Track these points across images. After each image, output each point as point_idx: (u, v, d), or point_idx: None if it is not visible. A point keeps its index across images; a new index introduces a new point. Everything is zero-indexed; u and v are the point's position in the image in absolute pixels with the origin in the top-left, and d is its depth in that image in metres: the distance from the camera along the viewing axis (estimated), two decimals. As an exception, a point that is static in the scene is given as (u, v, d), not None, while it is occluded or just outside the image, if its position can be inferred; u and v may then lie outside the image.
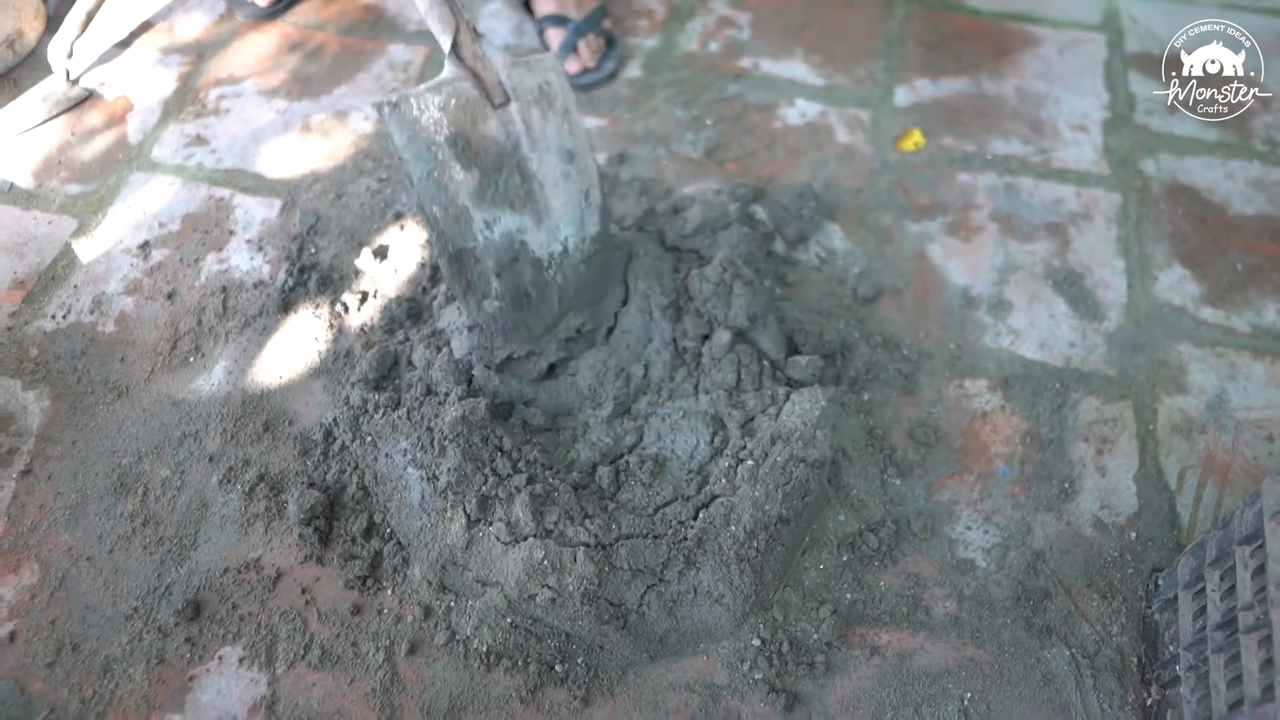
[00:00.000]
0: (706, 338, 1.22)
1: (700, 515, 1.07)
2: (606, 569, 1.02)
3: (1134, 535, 1.14)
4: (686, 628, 1.04)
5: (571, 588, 1.01)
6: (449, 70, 1.11)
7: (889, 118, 1.62)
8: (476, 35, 1.11)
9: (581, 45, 1.65)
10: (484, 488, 1.08)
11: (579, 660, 1.03)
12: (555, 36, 1.67)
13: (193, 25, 1.77)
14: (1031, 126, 1.61)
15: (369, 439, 1.15)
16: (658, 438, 1.17)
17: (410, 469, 1.11)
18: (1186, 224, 1.47)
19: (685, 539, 1.05)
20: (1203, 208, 1.50)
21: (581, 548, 1.03)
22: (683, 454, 1.15)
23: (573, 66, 1.65)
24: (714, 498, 1.09)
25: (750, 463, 1.09)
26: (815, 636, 1.05)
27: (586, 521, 1.06)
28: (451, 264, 1.16)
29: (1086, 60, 1.73)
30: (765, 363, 1.22)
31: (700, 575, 1.04)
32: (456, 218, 1.13)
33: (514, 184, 1.14)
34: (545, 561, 1.02)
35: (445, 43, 1.09)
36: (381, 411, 1.16)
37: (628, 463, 1.13)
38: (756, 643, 1.04)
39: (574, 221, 1.19)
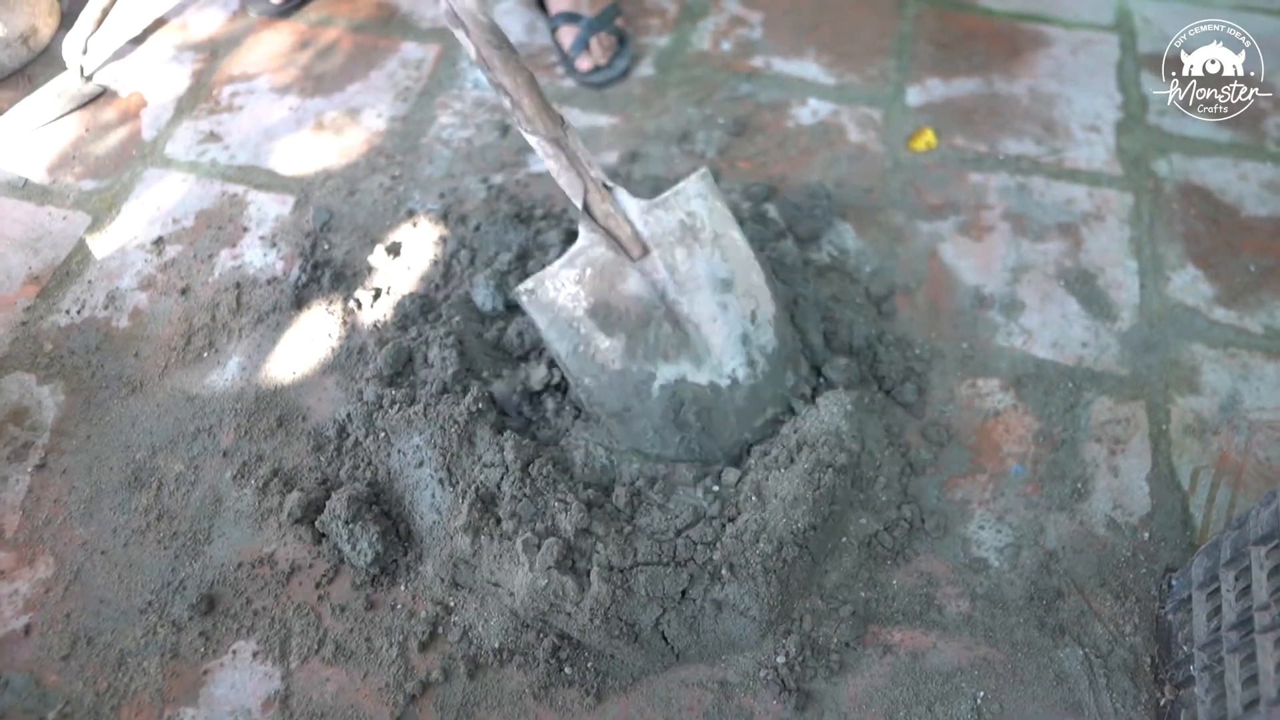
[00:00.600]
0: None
1: (727, 530, 1.05)
2: (622, 593, 1.00)
3: (1147, 535, 1.14)
4: (709, 641, 1.03)
5: (583, 610, 0.99)
6: (583, 235, 1.10)
7: (901, 117, 1.62)
8: (608, 190, 1.08)
9: (594, 42, 1.65)
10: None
11: (589, 665, 1.03)
12: (568, 34, 1.67)
13: (206, 22, 1.77)
14: (1044, 126, 1.61)
15: (382, 434, 1.16)
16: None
17: (424, 466, 1.11)
18: (1199, 225, 1.47)
19: (710, 560, 1.03)
20: (1215, 209, 1.49)
21: (595, 569, 1.01)
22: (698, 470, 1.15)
23: (584, 64, 1.65)
24: (739, 513, 1.07)
25: (778, 471, 1.09)
26: (835, 639, 1.05)
27: (600, 546, 1.03)
28: (612, 425, 1.14)
29: (1099, 61, 1.73)
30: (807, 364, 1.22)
31: (726, 590, 1.02)
32: (609, 385, 1.11)
33: (665, 334, 1.11)
34: (548, 589, 1.00)
35: (578, 203, 1.08)
36: (396, 407, 1.17)
37: (638, 488, 1.12)
38: (781, 659, 1.02)
39: (738, 351, 1.14)
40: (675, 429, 1.14)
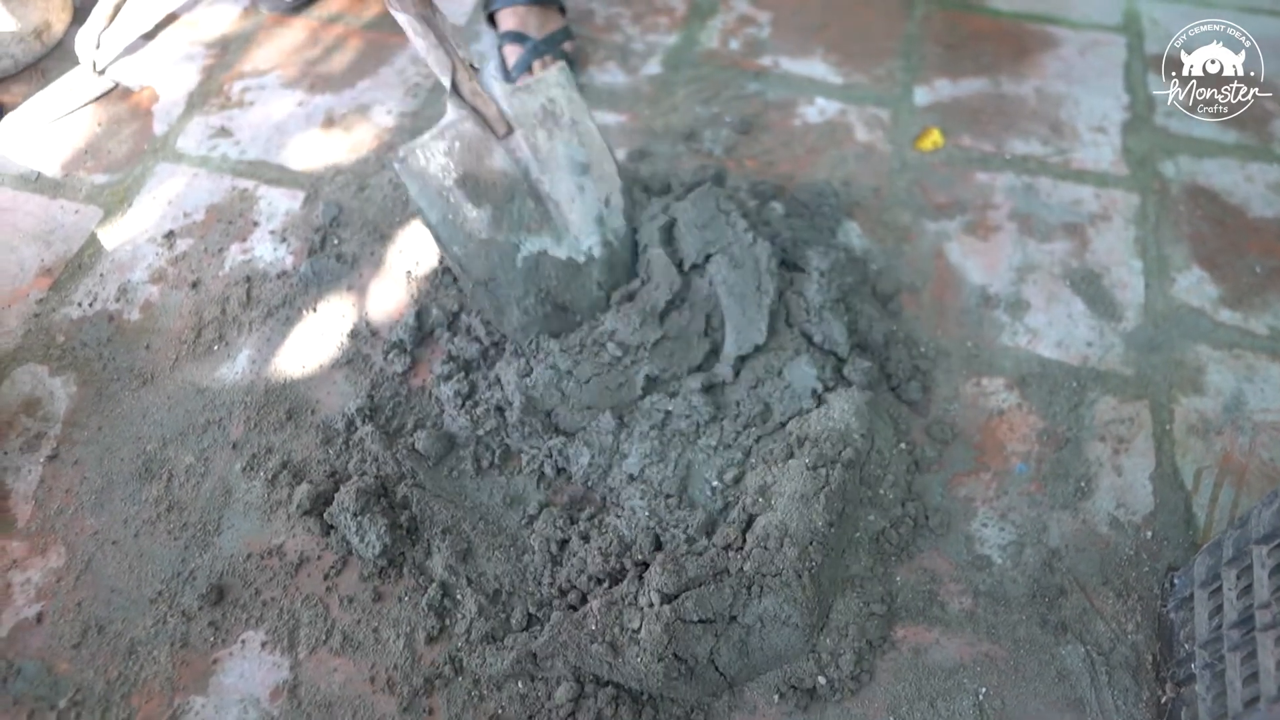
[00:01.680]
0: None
1: (747, 537, 1.04)
2: (678, 625, 0.96)
3: (1150, 534, 1.15)
4: (758, 660, 1.00)
5: (634, 655, 0.96)
6: (451, 111, 1.16)
7: (908, 117, 1.63)
8: (474, 71, 1.15)
9: (537, 66, 1.59)
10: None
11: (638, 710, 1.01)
12: (512, 54, 1.62)
13: (218, 18, 1.78)
14: (1050, 127, 1.62)
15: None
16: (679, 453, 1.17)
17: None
18: (1205, 226, 1.47)
19: (743, 571, 1.00)
20: (1222, 210, 1.50)
21: (647, 610, 0.98)
22: (703, 468, 1.16)
23: None
24: (752, 517, 1.07)
25: (778, 466, 1.09)
26: (864, 640, 1.05)
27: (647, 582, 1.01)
28: (478, 292, 1.20)
29: (1106, 61, 1.73)
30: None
31: (764, 602, 0.99)
32: (475, 253, 1.18)
33: (528, 209, 1.20)
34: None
35: (445, 82, 1.14)
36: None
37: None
38: (835, 669, 1.02)
39: (594, 231, 1.24)
40: (536, 299, 1.21)
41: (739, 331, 1.21)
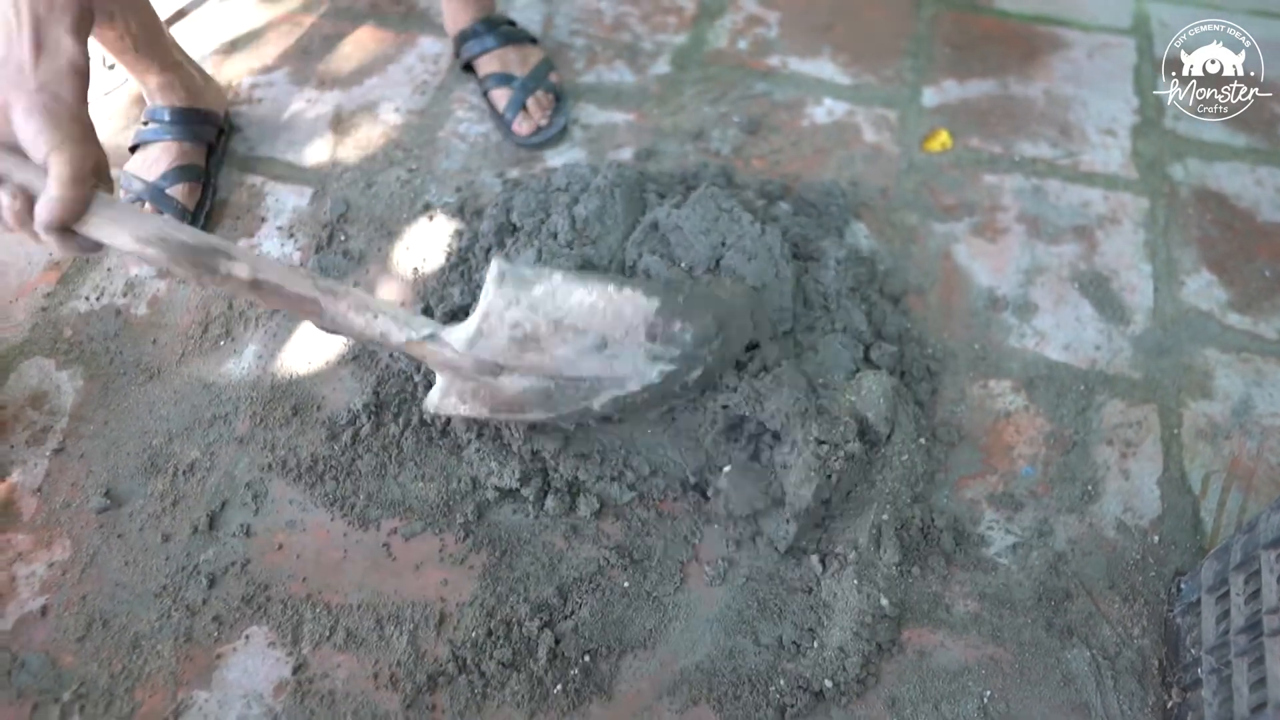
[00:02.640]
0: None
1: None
2: None
3: (1157, 539, 1.14)
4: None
5: None
6: (438, 378, 1.08)
7: (916, 118, 1.62)
8: (429, 338, 1.02)
9: (530, 103, 1.55)
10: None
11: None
12: (501, 96, 1.56)
13: (226, 15, 1.79)
14: (1059, 129, 1.61)
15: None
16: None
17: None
18: (1214, 229, 1.47)
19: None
20: (1231, 214, 1.49)
21: None
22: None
23: (523, 128, 1.54)
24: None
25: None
26: (874, 643, 1.05)
27: None
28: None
29: (1116, 64, 1.72)
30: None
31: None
32: (551, 427, 1.14)
33: (571, 394, 1.06)
34: None
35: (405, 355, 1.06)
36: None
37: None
38: (827, 673, 1.03)
39: (651, 367, 1.05)
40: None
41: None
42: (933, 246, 1.44)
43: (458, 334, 1.02)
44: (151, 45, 1.39)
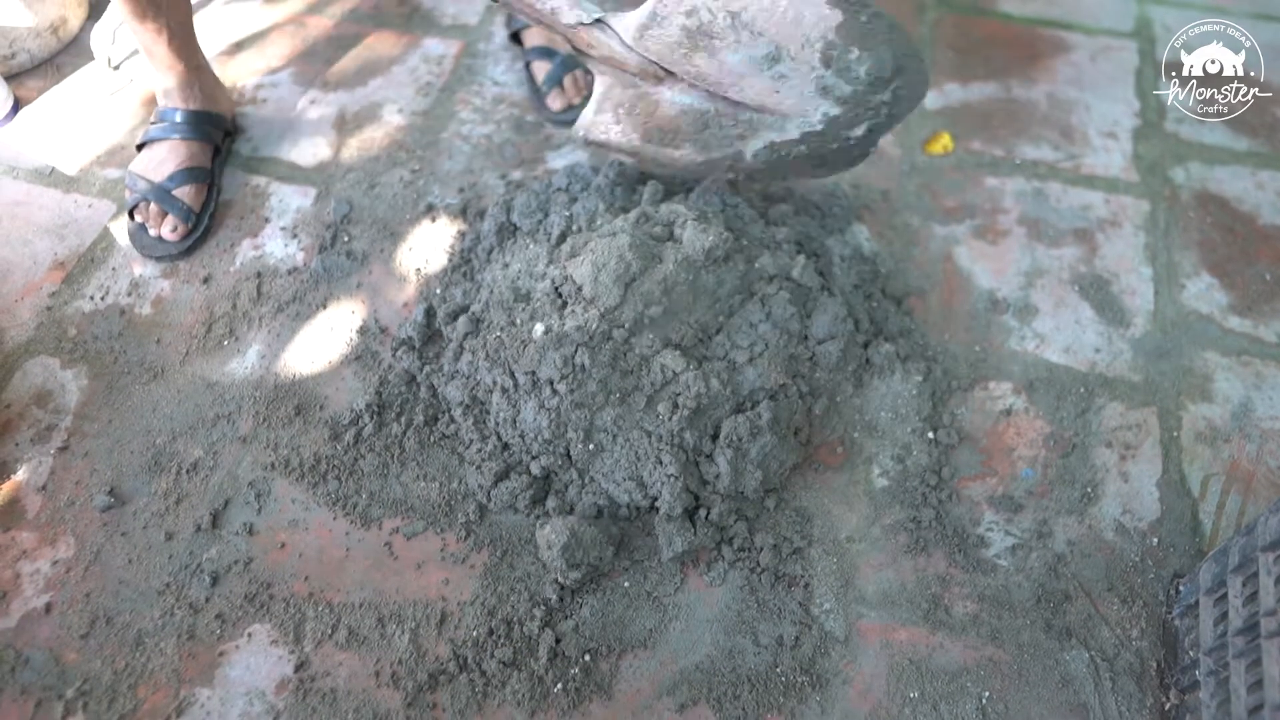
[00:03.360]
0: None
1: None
2: None
3: (1156, 541, 1.15)
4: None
5: None
6: (598, 80, 1.05)
7: (918, 120, 1.63)
8: (598, 24, 0.99)
9: (567, 80, 1.59)
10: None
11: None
12: (541, 69, 1.61)
13: (231, 15, 1.79)
14: (1061, 132, 1.61)
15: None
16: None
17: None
18: (1215, 233, 1.47)
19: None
20: (1232, 217, 1.49)
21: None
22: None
23: (556, 103, 1.58)
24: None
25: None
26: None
27: None
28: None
29: (1118, 67, 1.73)
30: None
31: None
32: (701, 171, 1.15)
33: (730, 125, 1.05)
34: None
35: (570, 45, 1.04)
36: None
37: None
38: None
39: (819, 99, 1.02)
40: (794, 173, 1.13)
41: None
42: (934, 249, 1.44)
43: (629, 20, 0.97)
44: (184, 43, 1.42)
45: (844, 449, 1.22)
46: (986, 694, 1.03)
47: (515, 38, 1.68)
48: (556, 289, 1.16)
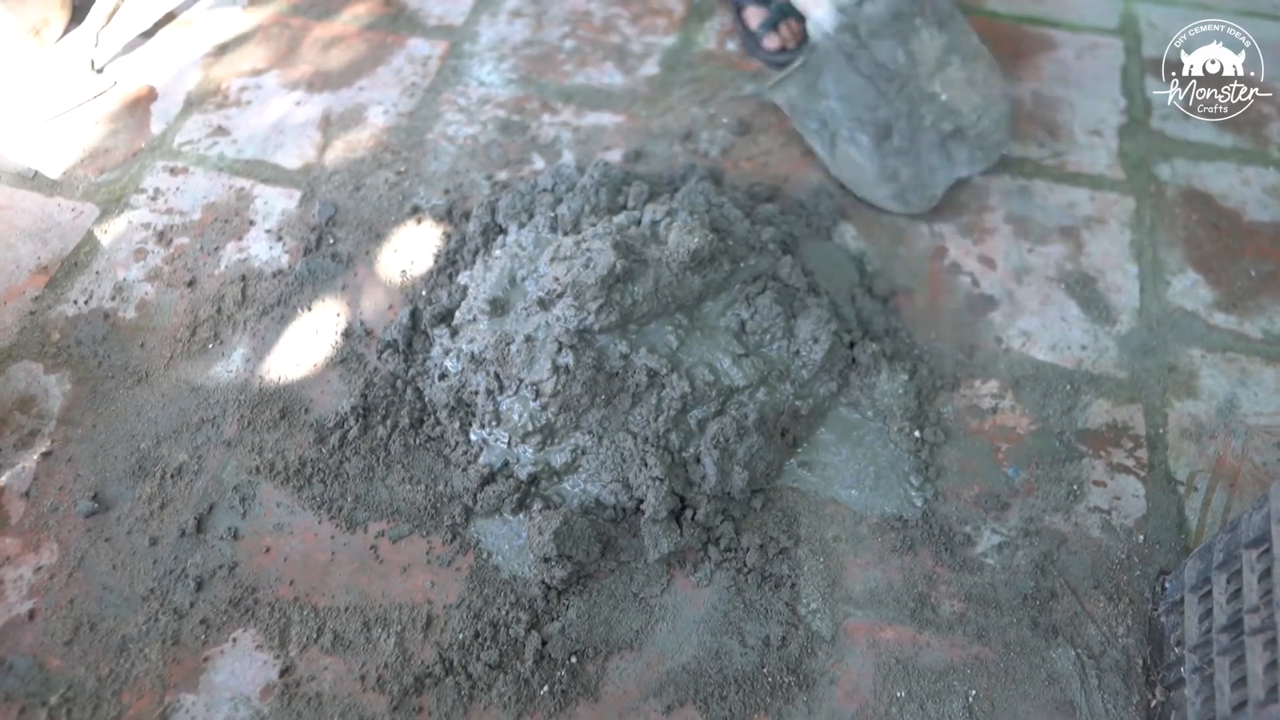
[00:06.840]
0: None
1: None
2: None
3: (1142, 538, 1.15)
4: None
5: None
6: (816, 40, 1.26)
7: (904, 119, 1.63)
8: None
9: (783, 26, 1.69)
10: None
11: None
12: (755, 15, 1.70)
13: (216, 17, 1.79)
14: (1047, 130, 1.62)
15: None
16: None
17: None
18: (1200, 230, 1.47)
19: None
20: (1217, 214, 1.50)
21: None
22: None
23: (772, 43, 1.69)
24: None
25: None
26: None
27: None
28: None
29: (1103, 65, 1.73)
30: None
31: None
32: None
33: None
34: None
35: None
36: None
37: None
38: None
39: None
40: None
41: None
42: (920, 247, 1.44)
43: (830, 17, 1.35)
44: None
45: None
46: (973, 692, 1.03)
47: None
48: (541, 291, 1.16)
